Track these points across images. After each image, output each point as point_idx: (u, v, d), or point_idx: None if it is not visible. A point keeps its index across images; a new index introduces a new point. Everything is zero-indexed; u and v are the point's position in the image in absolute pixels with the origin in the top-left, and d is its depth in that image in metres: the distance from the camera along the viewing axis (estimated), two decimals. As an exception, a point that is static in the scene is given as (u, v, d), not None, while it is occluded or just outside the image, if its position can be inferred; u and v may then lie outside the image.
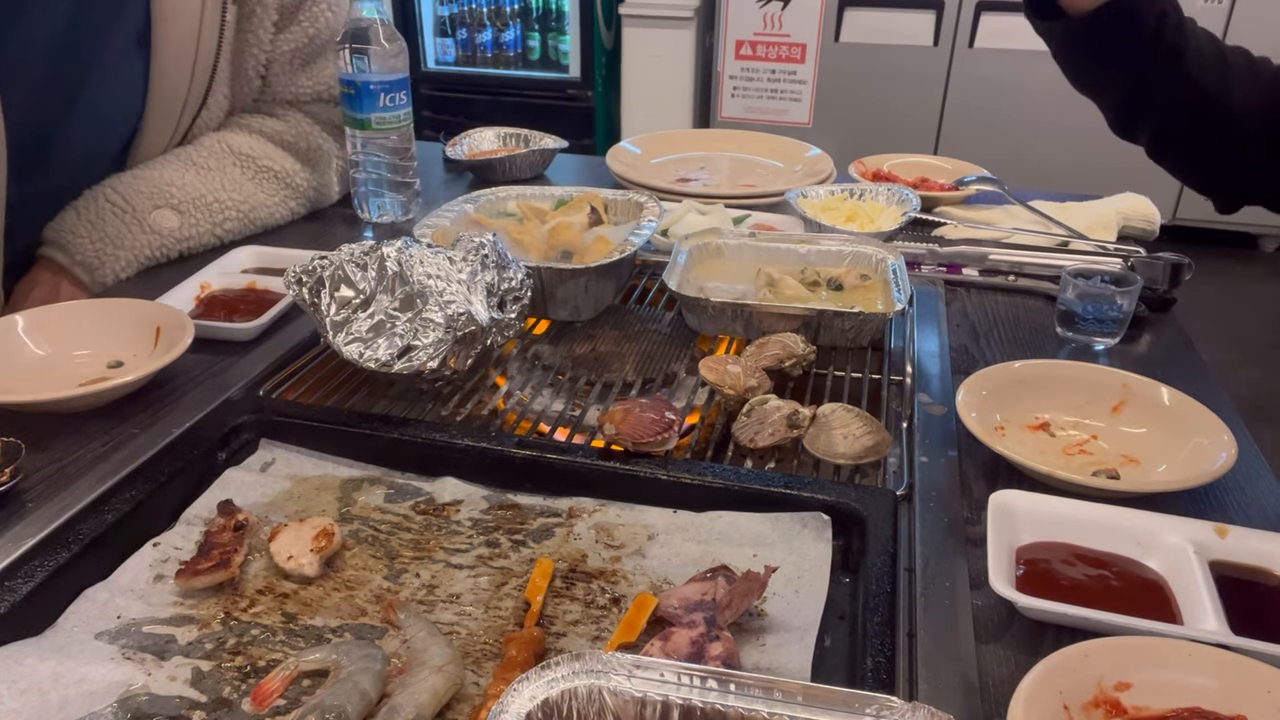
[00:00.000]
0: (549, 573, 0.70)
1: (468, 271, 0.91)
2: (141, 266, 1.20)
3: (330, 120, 1.40)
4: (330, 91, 1.38)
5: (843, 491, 0.75)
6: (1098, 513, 0.70)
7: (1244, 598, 0.64)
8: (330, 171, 1.41)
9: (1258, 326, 3.39)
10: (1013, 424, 0.86)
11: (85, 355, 0.93)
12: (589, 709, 0.49)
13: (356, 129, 1.29)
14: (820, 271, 1.13)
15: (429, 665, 0.60)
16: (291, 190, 1.34)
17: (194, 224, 1.23)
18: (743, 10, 3.56)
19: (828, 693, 0.48)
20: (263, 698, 0.59)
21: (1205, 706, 0.54)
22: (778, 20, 3.57)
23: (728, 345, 1.07)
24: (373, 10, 1.25)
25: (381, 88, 1.27)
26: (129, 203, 1.18)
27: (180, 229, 1.22)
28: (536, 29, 4.30)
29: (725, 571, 0.67)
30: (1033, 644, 0.64)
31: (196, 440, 0.82)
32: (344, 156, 1.40)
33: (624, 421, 0.80)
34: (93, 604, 0.67)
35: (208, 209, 1.24)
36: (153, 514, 0.75)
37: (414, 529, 0.76)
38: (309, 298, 0.90)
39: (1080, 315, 1.03)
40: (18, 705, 0.58)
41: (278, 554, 0.70)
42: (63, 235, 1.15)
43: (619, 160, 1.56)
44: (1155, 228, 1.37)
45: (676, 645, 0.60)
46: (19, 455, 0.77)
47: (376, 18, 1.25)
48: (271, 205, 1.32)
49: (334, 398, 0.94)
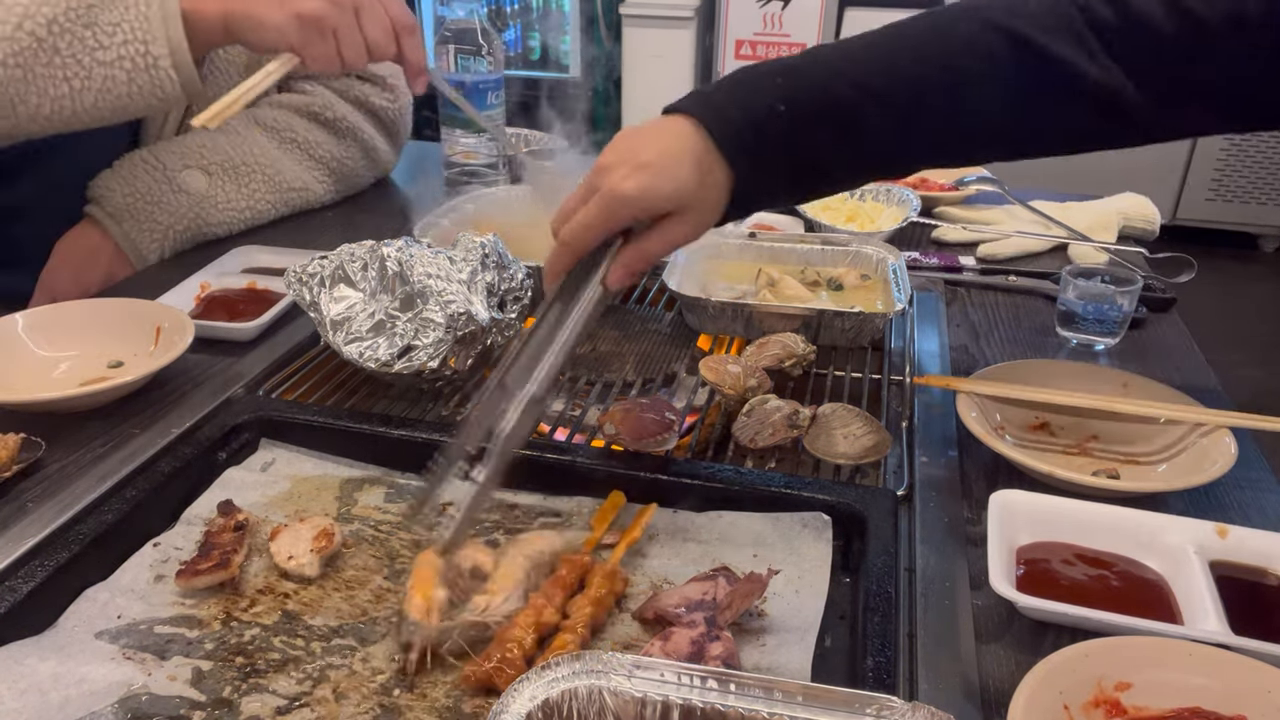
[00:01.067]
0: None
1: (468, 271, 0.91)
2: (177, 238, 1.23)
3: (357, 97, 1.41)
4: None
5: (843, 491, 0.75)
6: (1098, 513, 0.70)
7: (1244, 598, 0.64)
8: (356, 148, 1.42)
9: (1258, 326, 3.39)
10: (1013, 424, 0.86)
11: (85, 355, 0.93)
12: (589, 709, 0.49)
13: (460, 127, 1.32)
14: (820, 271, 1.13)
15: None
16: (315, 161, 1.36)
17: (220, 186, 1.26)
18: (743, 10, 3.56)
19: (828, 693, 0.48)
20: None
21: (1205, 706, 0.54)
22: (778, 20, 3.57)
23: (728, 345, 1.07)
24: (472, 12, 1.28)
25: (489, 86, 1.31)
26: (160, 160, 1.23)
27: (208, 190, 1.25)
28: (536, 29, 4.30)
29: (726, 572, 0.67)
30: (1033, 644, 0.64)
31: (196, 440, 0.82)
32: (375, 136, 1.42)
33: (624, 421, 0.80)
34: (93, 604, 0.67)
35: (234, 171, 1.28)
36: (153, 514, 0.75)
37: (414, 529, 0.76)
38: (309, 298, 0.90)
39: (1080, 315, 1.03)
40: (18, 705, 0.58)
41: (278, 554, 0.70)
42: (99, 191, 1.20)
43: (619, 160, 1.56)
44: (1155, 228, 1.37)
45: (676, 645, 0.60)
46: (39, 451, 0.80)
47: (476, 19, 1.28)
48: (297, 173, 1.34)
49: (334, 398, 0.94)
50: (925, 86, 0.75)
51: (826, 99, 0.74)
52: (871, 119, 0.75)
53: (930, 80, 0.75)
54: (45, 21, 0.95)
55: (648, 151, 0.72)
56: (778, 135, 0.74)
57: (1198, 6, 0.71)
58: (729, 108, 0.73)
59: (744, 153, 0.74)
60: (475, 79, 1.31)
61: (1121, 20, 0.72)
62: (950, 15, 0.77)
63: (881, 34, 0.77)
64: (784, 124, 0.74)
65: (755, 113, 0.74)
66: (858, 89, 0.74)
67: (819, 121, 0.75)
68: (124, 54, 0.98)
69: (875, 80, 0.74)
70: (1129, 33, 0.72)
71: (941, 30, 0.76)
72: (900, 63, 0.75)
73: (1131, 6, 0.72)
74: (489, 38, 1.32)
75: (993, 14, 0.74)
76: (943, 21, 0.76)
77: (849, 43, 0.78)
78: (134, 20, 0.98)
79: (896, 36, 0.77)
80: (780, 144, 0.75)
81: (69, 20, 0.96)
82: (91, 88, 0.99)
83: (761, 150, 0.75)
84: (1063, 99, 0.75)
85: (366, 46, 1.05)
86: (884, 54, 0.76)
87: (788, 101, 0.74)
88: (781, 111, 0.73)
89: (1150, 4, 0.72)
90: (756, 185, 0.76)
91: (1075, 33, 0.73)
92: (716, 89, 0.76)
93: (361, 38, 1.04)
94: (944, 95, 0.75)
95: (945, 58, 0.75)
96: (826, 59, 0.76)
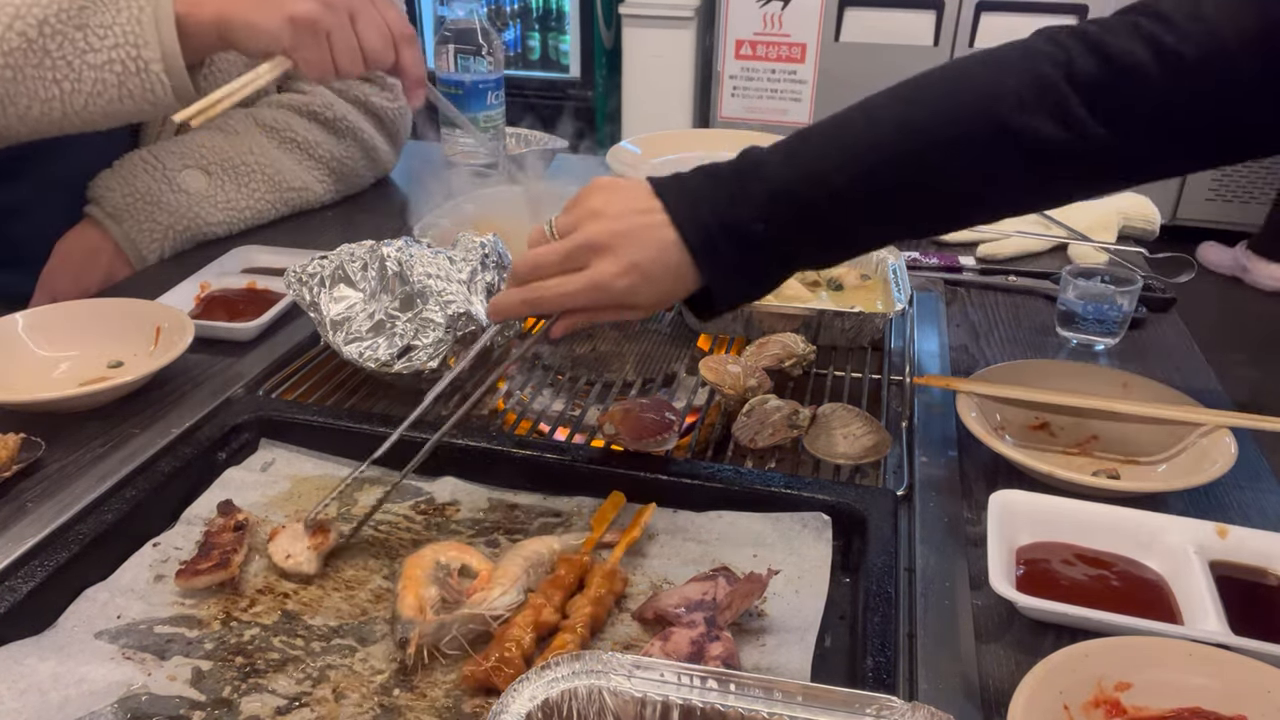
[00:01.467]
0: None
1: (468, 271, 0.91)
2: (177, 238, 1.23)
3: (356, 96, 1.41)
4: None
5: (843, 491, 0.75)
6: (1098, 513, 0.70)
7: (1244, 598, 0.64)
8: (355, 147, 1.42)
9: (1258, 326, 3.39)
10: (1013, 424, 0.86)
11: (85, 355, 0.93)
12: (589, 709, 0.49)
13: (460, 127, 1.32)
14: (820, 271, 1.13)
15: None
16: (315, 161, 1.36)
17: (220, 186, 1.26)
18: (743, 10, 3.56)
19: (828, 693, 0.48)
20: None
21: (1205, 706, 0.54)
22: (778, 20, 3.56)
23: (728, 345, 1.07)
24: (472, 12, 1.28)
25: (488, 86, 1.31)
26: (159, 160, 1.22)
27: (207, 190, 1.24)
28: (536, 29, 4.30)
29: (726, 572, 0.67)
30: (1033, 644, 0.64)
31: (196, 440, 0.82)
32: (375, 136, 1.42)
33: (624, 421, 0.80)
34: (93, 604, 0.67)
35: (234, 171, 1.28)
36: (153, 514, 0.75)
37: (414, 529, 0.76)
38: (309, 298, 0.90)
39: (1080, 315, 1.02)
40: (18, 705, 0.58)
41: (276, 554, 0.70)
42: (98, 191, 1.20)
43: (619, 160, 1.56)
44: (1155, 228, 1.37)
45: (676, 645, 0.60)
46: (38, 451, 0.79)
47: (476, 19, 1.28)
48: (297, 173, 1.34)
49: (334, 398, 0.94)
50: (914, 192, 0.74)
51: (811, 213, 0.74)
52: (861, 229, 0.76)
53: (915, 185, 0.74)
54: (36, 22, 0.95)
55: (639, 251, 0.73)
56: (760, 254, 0.75)
57: (1178, 45, 0.69)
58: (714, 228, 0.73)
59: (724, 272, 0.75)
60: (475, 79, 1.31)
61: (1106, 72, 0.71)
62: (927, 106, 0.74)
63: (858, 124, 0.76)
64: (770, 246, 0.74)
65: (741, 234, 0.73)
66: (836, 201, 0.73)
67: (802, 235, 0.75)
68: (115, 57, 0.98)
69: (859, 187, 0.73)
70: (1114, 86, 0.71)
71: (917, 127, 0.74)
72: (882, 170, 0.73)
73: (1115, 58, 0.70)
74: (489, 38, 1.32)
75: (969, 99, 0.73)
76: (918, 116, 0.74)
77: (826, 136, 0.76)
78: (125, 23, 0.97)
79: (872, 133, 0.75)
80: (759, 260, 0.76)
81: (60, 22, 0.96)
82: (82, 90, 0.99)
83: (742, 270, 0.76)
84: (1049, 175, 0.75)
85: (363, 53, 1.04)
86: (865, 153, 0.74)
87: (767, 221, 0.73)
88: (762, 232, 0.73)
89: (1134, 50, 0.70)
90: (723, 292, 0.77)
91: (1056, 103, 0.71)
92: (699, 193, 0.74)
93: (357, 43, 1.03)
94: (932, 198, 0.75)
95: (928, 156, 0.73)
96: (804, 158, 0.75)
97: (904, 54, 3.56)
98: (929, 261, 1.23)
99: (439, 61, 1.33)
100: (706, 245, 0.73)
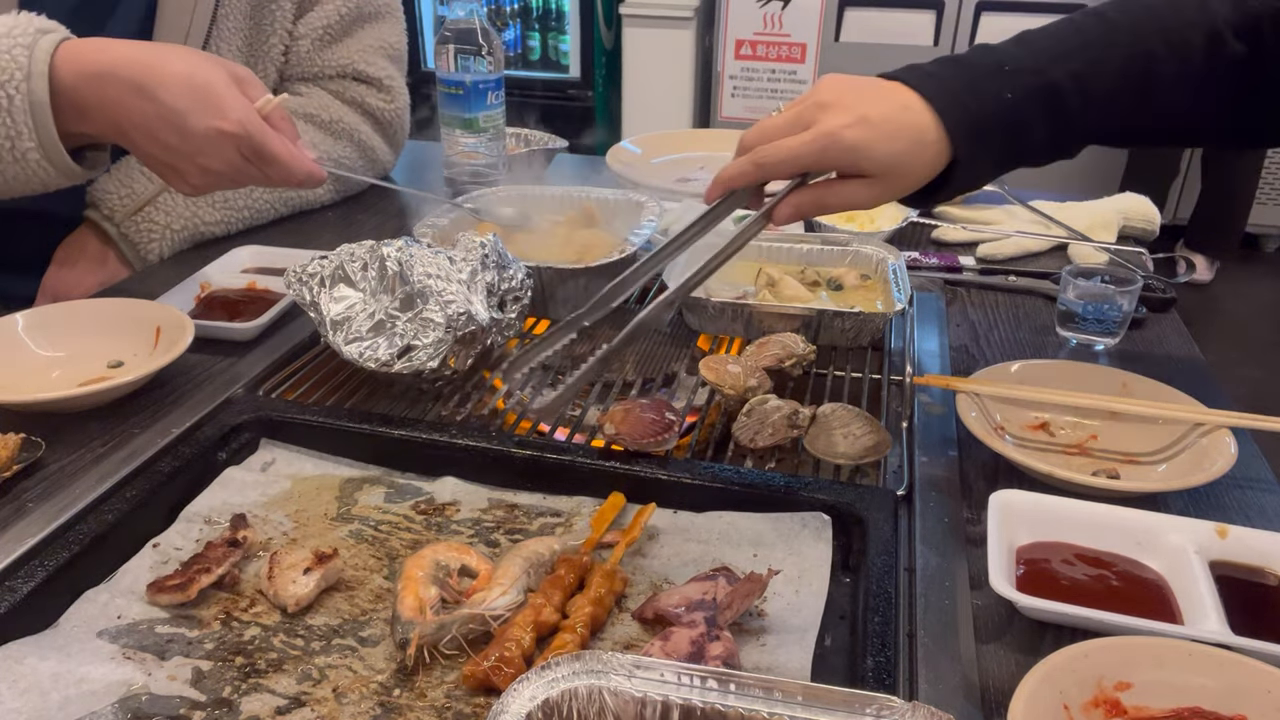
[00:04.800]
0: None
1: (468, 271, 0.91)
2: (175, 236, 1.23)
3: (353, 98, 1.41)
4: (354, 68, 1.39)
5: (843, 491, 0.75)
6: (1098, 513, 0.70)
7: (1244, 598, 0.64)
8: (353, 149, 1.41)
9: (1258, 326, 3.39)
10: (1013, 424, 0.86)
11: (85, 355, 0.93)
12: (589, 709, 0.49)
13: (460, 128, 1.31)
14: (820, 271, 1.13)
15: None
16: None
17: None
18: (743, 10, 3.56)
19: (828, 693, 0.48)
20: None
21: (1205, 706, 0.54)
22: (778, 20, 3.56)
23: (728, 345, 1.07)
24: (472, 12, 1.28)
25: (489, 86, 1.30)
26: None
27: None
28: (536, 29, 4.29)
29: (726, 572, 0.67)
30: (1033, 644, 0.64)
31: (196, 440, 0.82)
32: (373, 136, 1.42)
33: (624, 421, 0.80)
34: (93, 604, 0.67)
35: None
36: (153, 514, 0.75)
37: (414, 529, 0.76)
38: (309, 298, 0.90)
39: (1080, 315, 1.03)
40: (18, 705, 0.58)
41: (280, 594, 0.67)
42: (97, 194, 1.20)
43: (619, 160, 1.56)
44: (1155, 228, 1.37)
45: (676, 645, 0.60)
46: (38, 451, 0.79)
47: (476, 19, 1.28)
48: None
49: (334, 398, 0.94)
50: (1142, 78, 0.77)
51: (1048, 90, 0.75)
52: (1090, 108, 0.77)
53: (1141, 71, 0.77)
54: None
55: (873, 107, 0.71)
56: (1003, 124, 0.75)
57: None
58: (963, 93, 0.73)
59: (972, 140, 0.74)
60: (475, 79, 1.31)
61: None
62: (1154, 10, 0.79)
63: (1091, 22, 0.79)
64: (1010, 113, 0.74)
65: (986, 101, 0.74)
66: (1075, 79, 0.75)
67: (1041, 112, 0.75)
68: None
69: (1090, 70, 0.76)
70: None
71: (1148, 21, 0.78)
72: (1112, 56, 0.77)
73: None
74: (489, 38, 1.32)
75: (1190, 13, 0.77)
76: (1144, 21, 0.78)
77: (1059, 28, 0.79)
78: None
79: (1106, 27, 0.78)
80: (1001, 132, 0.75)
81: None
82: None
83: (988, 139, 0.75)
84: (1244, 96, 0.78)
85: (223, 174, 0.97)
86: (1098, 39, 0.77)
87: (1014, 89, 0.74)
88: (1008, 100, 0.74)
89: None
90: (967, 170, 0.77)
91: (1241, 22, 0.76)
92: (940, 69, 0.76)
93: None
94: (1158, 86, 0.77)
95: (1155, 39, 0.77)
96: (1042, 47, 0.77)
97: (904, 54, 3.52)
98: (929, 261, 1.23)
99: (439, 61, 1.32)
100: (958, 113, 0.72)
